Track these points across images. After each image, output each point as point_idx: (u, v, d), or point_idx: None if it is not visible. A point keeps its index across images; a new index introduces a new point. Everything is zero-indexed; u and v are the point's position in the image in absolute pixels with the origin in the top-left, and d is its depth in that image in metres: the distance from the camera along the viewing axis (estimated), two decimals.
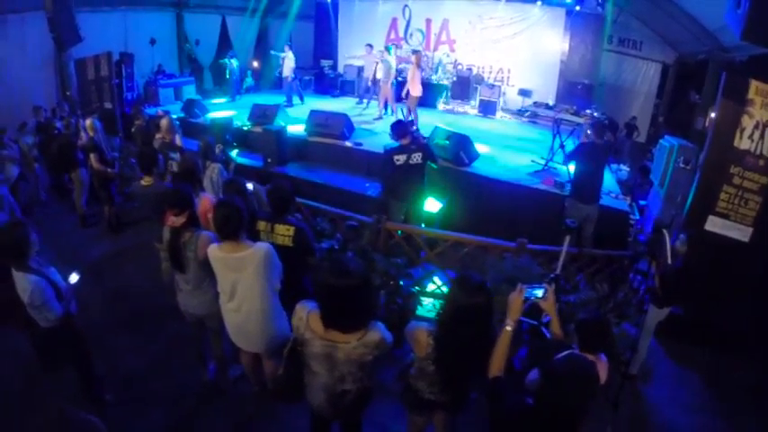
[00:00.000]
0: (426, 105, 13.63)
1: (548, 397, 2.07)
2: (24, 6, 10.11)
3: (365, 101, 13.26)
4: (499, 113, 13.44)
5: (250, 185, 4.64)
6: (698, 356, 5.31)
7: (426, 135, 8.56)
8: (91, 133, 7.05)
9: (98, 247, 7.01)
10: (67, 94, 11.37)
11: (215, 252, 3.31)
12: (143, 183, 4.85)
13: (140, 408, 4.16)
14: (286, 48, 13.47)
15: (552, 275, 3.88)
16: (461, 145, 7.93)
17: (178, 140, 6.50)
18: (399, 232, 5.63)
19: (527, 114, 13.42)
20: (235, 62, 13.74)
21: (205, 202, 4.34)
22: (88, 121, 7.18)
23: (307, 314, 2.60)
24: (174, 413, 4.17)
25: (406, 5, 15.20)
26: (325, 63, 16.39)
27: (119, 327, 5.08)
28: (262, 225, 3.86)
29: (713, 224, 5.43)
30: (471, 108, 13.76)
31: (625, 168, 10.56)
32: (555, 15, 13.61)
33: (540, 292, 2.71)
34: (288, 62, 13.33)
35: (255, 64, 16.50)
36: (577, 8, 13.01)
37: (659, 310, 4.78)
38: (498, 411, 2.33)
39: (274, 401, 4.03)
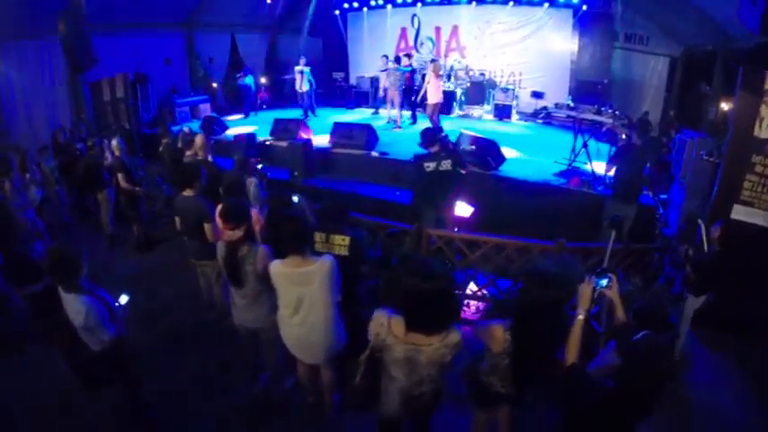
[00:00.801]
0: (441, 112, 13.76)
1: (630, 377, 2.15)
2: (39, 32, 10.25)
3: (381, 110, 13.41)
4: (514, 116, 13.53)
5: (295, 198, 4.69)
6: (729, 343, 5.29)
7: (452, 141, 8.59)
8: (117, 153, 7.12)
9: (128, 266, 6.99)
10: (82, 116, 11.51)
11: (279, 268, 3.29)
12: (185, 194, 4.80)
13: (193, 427, 4.14)
14: (301, 61, 13.24)
15: (599, 269, 3.91)
16: (488, 149, 7.99)
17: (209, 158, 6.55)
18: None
19: (541, 116, 13.54)
20: (249, 79, 13.89)
21: (253, 215, 4.40)
22: (114, 141, 7.25)
23: (388, 320, 2.59)
24: (229, 430, 4.14)
25: (414, 15, 15.30)
26: (337, 75, 16.52)
27: (159, 346, 5.01)
28: (318, 236, 3.87)
29: (738, 212, 5.41)
30: (486, 113, 13.85)
31: None
32: (562, 16, 13.65)
33: (605, 282, 2.75)
34: (303, 76, 13.15)
35: (264, 80, 16.54)
36: (584, 7, 13.06)
37: (696, 298, 4.83)
38: (579, 396, 2.39)
39: (333, 412, 4.06)
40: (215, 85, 15.34)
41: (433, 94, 10.65)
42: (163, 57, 14.14)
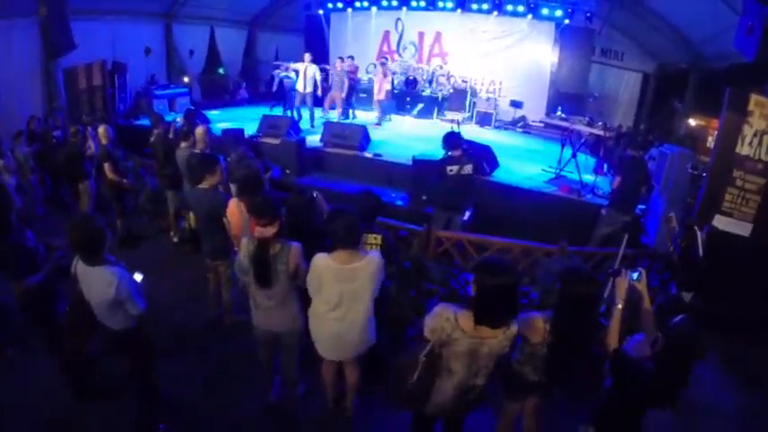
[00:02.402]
0: (424, 116, 14.10)
1: (672, 357, 2.47)
2: (12, 13, 9.72)
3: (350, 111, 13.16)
4: (494, 124, 13.75)
5: (315, 194, 4.62)
6: (713, 341, 5.56)
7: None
8: (104, 141, 6.76)
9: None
10: (54, 104, 11.03)
11: (326, 263, 3.20)
12: (201, 187, 4.65)
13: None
14: (306, 57, 11.64)
15: (611, 270, 4.08)
16: (483, 155, 8.11)
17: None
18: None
19: (520, 125, 13.88)
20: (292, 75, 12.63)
21: None
22: (101, 129, 6.86)
23: (454, 314, 2.63)
24: None
25: (398, 19, 15.35)
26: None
27: (160, 351, 4.38)
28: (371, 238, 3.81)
29: (719, 222, 5.87)
30: (466, 119, 13.94)
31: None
32: (545, 29, 13.99)
33: (636, 276, 3.01)
34: (309, 75, 11.48)
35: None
36: (566, 21, 13.40)
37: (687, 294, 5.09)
38: (625, 375, 2.67)
39: (352, 415, 4.05)
40: (186, 79, 14.92)
41: (379, 92, 11.78)
42: (140, 46, 13.62)
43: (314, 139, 9.79)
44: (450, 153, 6.10)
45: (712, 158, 6.21)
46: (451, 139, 6.15)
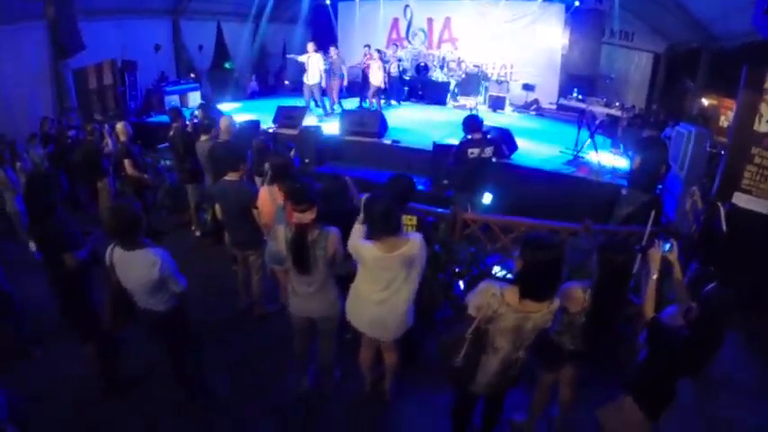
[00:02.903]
0: (436, 102, 14.06)
1: (707, 323, 2.59)
2: (19, 17, 9.77)
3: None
4: (508, 108, 13.67)
5: (347, 179, 4.59)
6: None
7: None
8: (122, 138, 6.77)
9: None
10: (65, 105, 11.07)
11: (373, 252, 3.15)
12: (227, 178, 4.61)
13: (245, 421, 3.96)
14: (310, 47, 11.51)
15: (638, 247, 4.11)
16: (502, 138, 8.11)
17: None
18: None
19: (533, 108, 13.82)
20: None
21: None
22: (119, 126, 6.89)
23: (500, 290, 2.65)
24: (286, 426, 3.95)
25: (407, 5, 15.33)
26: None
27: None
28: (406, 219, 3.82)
29: (738, 199, 5.81)
30: (479, 104, 13.85)
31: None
32: (555, 11, 13.93)
33: (668, 247, 3.08)
34: (314, 64, 11.33)
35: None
36: (577, 3, 13.33)
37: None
38: (662, 342, 2.74)
39: (386, 400, 4.05)
40: (192, 75, 14.87)
41: (374, 79, 11.77)
42: (149, 44, 13.61)
43: (327, 128, 9.79)
44: (470, 136, 6.08)
45: (730, 136, 6.24)
46: (471, 123, 6.12)
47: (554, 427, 3.77)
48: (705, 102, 12.20)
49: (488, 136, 6.71)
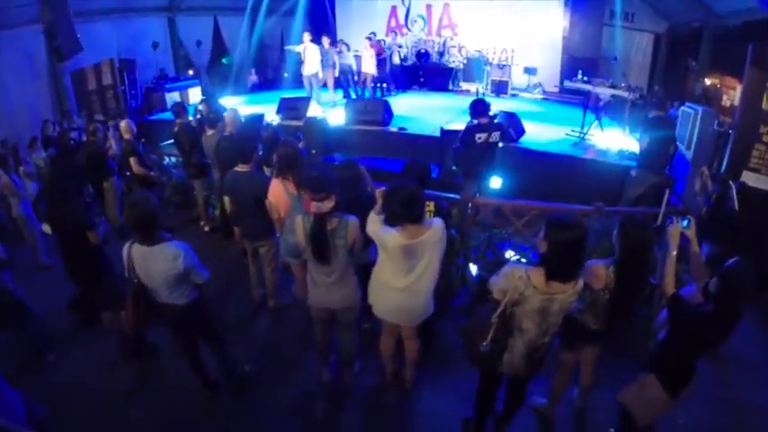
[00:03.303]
0: (438, 89, 14.04)
1: (728, 297, 2.60)
2: (16, 22, 9.76)
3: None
4: (510, 92, 13.62)
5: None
6: None
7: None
8: (126, 136, 6.74)
9: None
10: (64, 108, 11.07)
11: (395, 239, 3.11)
12: (238, 170, 4.57)
13: (271, 411, 3.97)
14: (305, 37, 11.39)
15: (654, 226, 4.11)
16: (510, 122, 8.06)
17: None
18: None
19: (537, 91, 13.79)
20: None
21: None
22: (122, 124, 6.86)
23: (526, 272, 2.68)
24: (309, 418, 3.96)
25: None
26: None
27: None
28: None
29: (747, 178, 5.79)
30: (482, 89, 13.85)
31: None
32: None
33: (686, 223, 3.11)
34: (310, 55, 11.25)
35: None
36: None
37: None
38: (682, 319, 2.77)
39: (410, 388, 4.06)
40: (191, 71, 14.80)
41: (366, 67, 11.87)
42: (146, 42, 13.55)
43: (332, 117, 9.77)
44: (477, 121, 6.03)
45: (738, 115, 6.14)
46: (478, 107, 6.05)
47: (574, 408, 3.81)
48: (707, 81, 12.13)
49: (495, 120, 6.66)
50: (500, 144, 6.35)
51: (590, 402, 3.79)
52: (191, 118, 7.43)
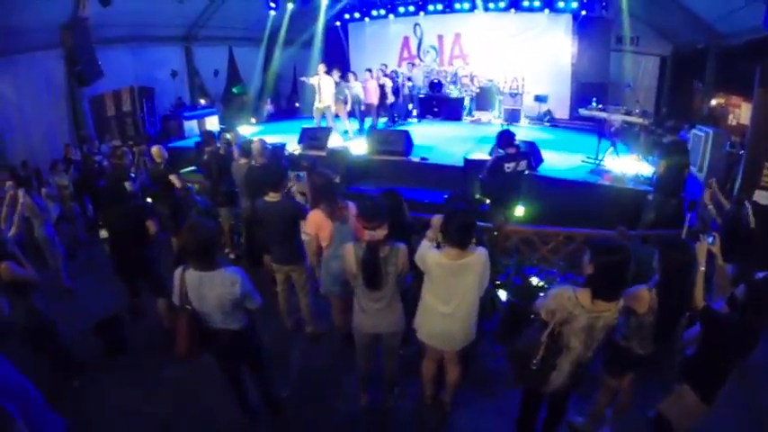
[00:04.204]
0: (452, 118, 14.30)
1: (756, 305, 2.89)
2: (35, 46, 9.93)
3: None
4: (523, 120, 13.83)
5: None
6: None
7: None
8: (159, 160, 6.86)
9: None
10: (81, 132, 11.21)
11: (438, 259, 3.27)
12: (267, 199, 4.65)
13: None
14: (320, 69, 11.38)
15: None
16: (530, 151, 8.27)
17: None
18: None
19: (547, 119, 14.05)
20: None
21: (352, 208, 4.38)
22: (155, 149, 6.99)
23: (573, 293, 2.86)
24: None
25: (416, 24, 15.54)
26: None
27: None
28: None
29: (759, 196, 6.03)
30: (495, 118, 14.13)
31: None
32: (562, 22, 14.07)
33: (711, 240, 3.34)
34: (325, 86, 11.24)
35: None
36: (583, 12, 13.47)
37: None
38: (715, 330, 3.00)
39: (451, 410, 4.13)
40: (203, 100, 15.06)
41: (370, 97, 12.12)
42: (163, 70, 13.84)
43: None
44: (506, 151, 6.24)
45: (749, 135, 6.48)
46: (506, 138, 6.26)
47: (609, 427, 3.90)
48: (713, 101, 12.33)
49: (521, 150, 6.87)
50: (526, 172, 6.54)
51: (623, 420, 3.89)
52: (218, 146, 7.57)
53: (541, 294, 5.15)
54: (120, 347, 5.04)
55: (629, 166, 8.71)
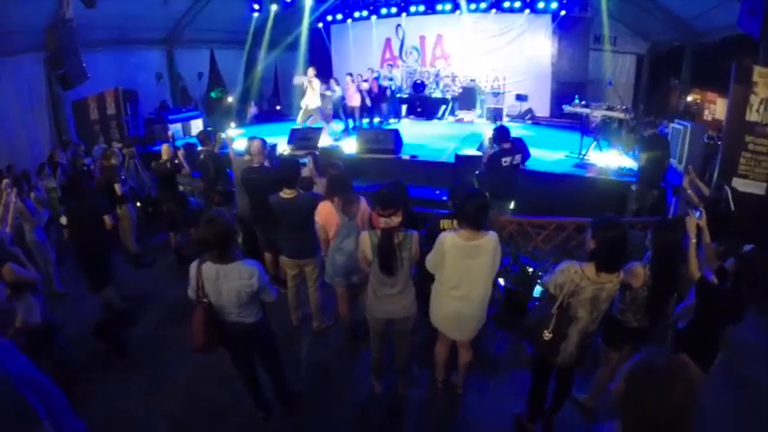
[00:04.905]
0: (433, 117, 14.64)
1: (744, 275, 3.18)
2: (16, 49, 9.76)
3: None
4: (505, 119, 14.01)
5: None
6: None
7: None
8: (165, 158, 7.08)
9: (173, 286, 6.38)
10: (64, 138, 11.02)
11: (453, 240, 3.42)
12: (283, 195, 4.72)
13: (325, 430, 4.11)
14: (310, 71, 11.38)
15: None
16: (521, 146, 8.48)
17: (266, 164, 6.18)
18: None
19: (528, 117, 14.41)
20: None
21: (364, 205, 4.55)
22: (164, 147, 7.28)
23: (580, 267, 3.13)
24: (368, 430, 4.13)
25: (398, 25, 15.74)
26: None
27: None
28: (446, 223, 4.09)
29: (737, 183, 6.48)
30: (477, 117, 14.38)
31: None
32: (542, 22, 14.38)
33: (698, 214, 3.59)
34: (315, 90, 11.40)
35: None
36: (562, 13, 13.82)
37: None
38: (709, 297, 3.26)
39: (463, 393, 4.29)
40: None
41: (351, 100, 12.45)
42: (145, 73, 13.72)
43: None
44: (502, 146, 6.50)
45: (725, 127, 6.93)
46: (503, 133, 6.59)
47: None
48: (689, 98, 12.74)
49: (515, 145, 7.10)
50: (521, 166, 6.79)
51: None
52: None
53: (538, 281, 5.45)
54: (119, 349, 5.04)
55: (612, 159, 9.01)
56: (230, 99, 15.68)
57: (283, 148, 10.12)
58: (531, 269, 5.86)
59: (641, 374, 1.60)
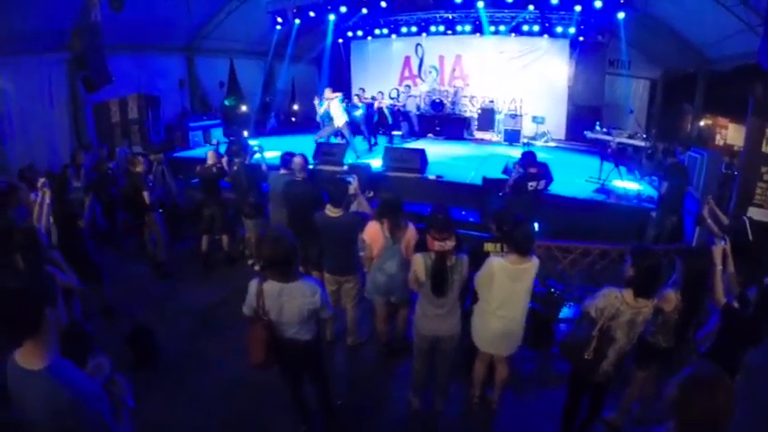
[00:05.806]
0: (452, 137, 14.71)
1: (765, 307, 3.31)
2: (39, 49, 9.74)
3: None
4: (522, 140, 14.18)
5: None
6: None
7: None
8: (211, 162, 7.20)
9: (203, 294, 6.55)
10: (83, 140, 10.95)
11: (501, 264, 3.72)
12: (329, 213, 4.80)
13: None
14: (327, 93, 11.55)
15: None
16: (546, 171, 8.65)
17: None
18: None
19: (545, 139, 14.56)
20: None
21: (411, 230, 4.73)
22: (210, 153, 7.39)
23: (620, 293, 3.35)
24: None
25: (418, 44, 15.93)
26: None
27: None
28: (491, 247, 4.30)
29: (753, 213, 6.62)
30: (496, 137, 14.61)
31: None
32: (560, 46, 14.62)
33: (722, 243, 3.77)
34: (335, 108, 11.39)
35: (296, 107, 17.19)
36: (581, 38, 14.05)
37: None
38: (733, 321, 3.42)
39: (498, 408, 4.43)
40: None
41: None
42: (167, 79, 13.80)
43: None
44: (528, 170, 6.68)
45: (742, 158, 7.16)
46: (529, 158, 6.77)
47: (636, 419, 4.30)
48: (702, 123, 12.91)
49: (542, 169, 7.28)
50: (544, 191, 6.97)
51: (649, 413, 4.29)
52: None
53: (565, 303, 5.87)
54: (150, 360, 5.03)
55: (632, 185, 9.20)
56: (244, 108, 15.71)
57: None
58: (555, 291, 6.06)
59: (692, 383, 1.83)
